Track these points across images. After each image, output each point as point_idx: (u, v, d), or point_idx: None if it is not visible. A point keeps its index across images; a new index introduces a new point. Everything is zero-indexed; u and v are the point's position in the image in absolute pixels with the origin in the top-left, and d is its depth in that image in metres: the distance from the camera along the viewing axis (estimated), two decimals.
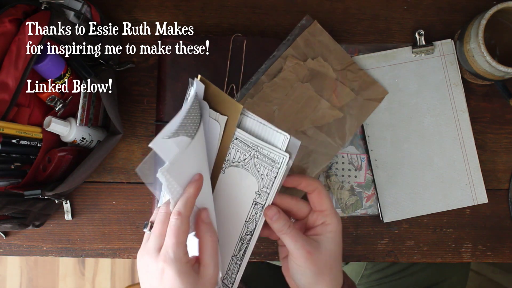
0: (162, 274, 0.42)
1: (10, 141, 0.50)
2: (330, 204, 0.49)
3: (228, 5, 0.65)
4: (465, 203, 0.63)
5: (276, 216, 0.47)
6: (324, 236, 0.48)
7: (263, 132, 0.47)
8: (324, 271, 0.48)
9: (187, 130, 0.43)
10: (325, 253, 0.48)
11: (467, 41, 0.59)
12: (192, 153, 0.45)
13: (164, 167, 0.42)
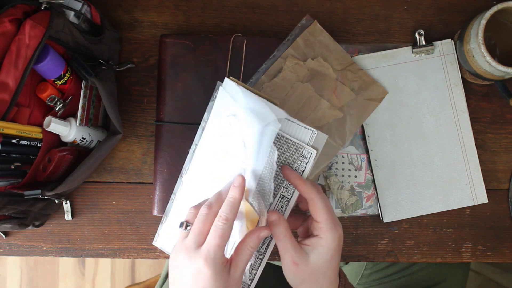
0: (198, 272, 0.43)
1: (10, 141, 0.50)
2: (326, 217, 0.48)
3: (228, 5, 0.65)
4: (465, 203, 0.63)
5: (276, 221, 0.48)
6: (315, 249, 0.48)
7: (290, 128, 0.49)
8: (308, 280, 0.49)
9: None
10: (311, 266, 0.48)
11: (467, 41, 0.59)
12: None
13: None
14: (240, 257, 0.46)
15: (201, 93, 0.60)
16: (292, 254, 0.48)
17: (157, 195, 0.60)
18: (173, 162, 0.60)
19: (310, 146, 0.48)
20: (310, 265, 0.48)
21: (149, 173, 0.64)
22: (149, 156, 0.64)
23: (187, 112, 0.60)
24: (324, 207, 0.48)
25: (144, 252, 0.64)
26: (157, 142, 0.61)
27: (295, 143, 0.49)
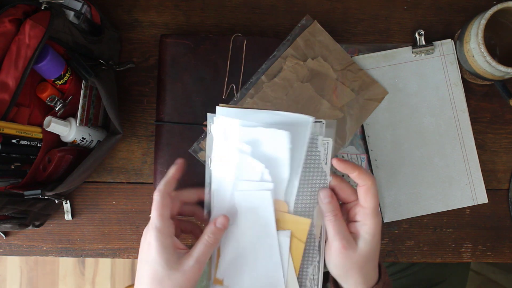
0: (149, 245, 0.45)
1: (10, 141, 0.50)
2: (373, 204, 0.49)
3: (228, 5, 0.65)
4: (465, 203, 0.63)
5: (327, 199, 0.48)
6: (362, 237, 0.49)
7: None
8: (354, 268, 0.49)
9: None
10: (359, 253, 0.48)
11: (467, 41, 0.59)
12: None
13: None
14: (197, 248, 0.46)
15: (201, 93, 0.60)
16: (342, 238, 0.48)
17: None
18: (173, 162, 0.60)
19: (324, 137, 0.48)
20: (358, 252, 0.48)
21: (149, 173, 0.64)
22: (149, 156, 0.64)
23: (187, 112, 0.60)
24: (376, 195, 0.49)
25: None
26: (157, 142, 0.61)
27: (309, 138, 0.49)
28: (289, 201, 0.49)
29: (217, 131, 0.48)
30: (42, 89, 0.54)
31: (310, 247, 0.50)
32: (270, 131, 0.47)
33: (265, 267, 0.50)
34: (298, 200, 0.49)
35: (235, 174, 0.48)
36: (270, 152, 0.48)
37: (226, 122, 0.48)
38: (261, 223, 0.49)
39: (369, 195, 0.49)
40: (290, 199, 0.49)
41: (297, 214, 0.49)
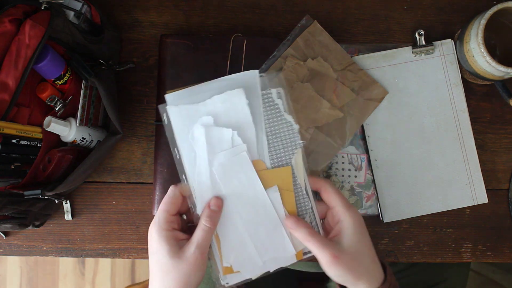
0: (151, 238, 0.47)
1: (10, 141, 0.50)
2: (339, 200, 0.49)
3: (228, 5, 0.65)
4: (465, 203, 0.63)
5: (294, 225, 0.48)
6: (344, 234, 0.48)
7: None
8: (352, 269, 0.48)
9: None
10: (349, 252, 0.48)
11: (467, 41, 0.59)
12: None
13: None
14: (196, 234, 0.47)
15: None
16: (328, 250, 0.47)
17: (157, 195, 0.60)
18: (173, 162, 0.60)
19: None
20: (347, 251, 0.48)
21: (149, 173, 0.64)
22: (149, 156, 0.64)
23: None
24: (336, 191, 0.50)
25: (144, 252, 0.64)
26: (157, 142, 0.61)
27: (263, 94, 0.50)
28: (264, 158, 0.50)
29: (174, 118, 0.49)
30: (42, 89, 0.54)
31: (299, 196, 0.51)
32: (224, 94, 0.49)
33: (267, 233, 0.50)
34: (272, 154, 0.50)
35: (207, 151, 0.49)
36: (232, 116, 0.49)
37: (179, 107, 0.49)
38: (247, 189, 0.49)
39: (329, 194, 0.50)
40: (264, 155, 0.50)
41: (275, 167, 0.50)
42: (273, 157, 0.50)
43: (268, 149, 0.50)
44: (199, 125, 0.48)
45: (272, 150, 0.50)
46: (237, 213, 0.50)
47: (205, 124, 0.48)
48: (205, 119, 0.48)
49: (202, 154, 0.49)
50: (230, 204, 0.49)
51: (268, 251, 0.50)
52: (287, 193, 0.50)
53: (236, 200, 0.49)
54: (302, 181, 0.51)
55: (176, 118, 0.48)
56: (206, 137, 0.48)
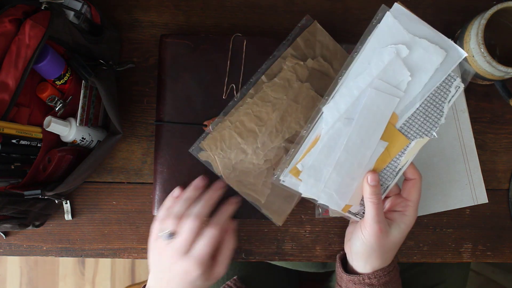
0: (187, 272, 0.50)
1: (10, 141, 0.50)
2: (417, 198, 0.53)
3: (228, 5, 0.65)
4: (465, 203, 0.63)
5: (374, 182, 0.52)
6: (397, 224, 0.53)
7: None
8: (381, 251, 0.53)
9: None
10: (391, 239, 0.53)
11: (467, 41, 0.59)
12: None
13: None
14: (223, 257, 0.53)
15: (201, 93, 0.60)
16: (380, 220, 0.51)
17: (157, 195, 0.60)
18: (173, 162, 0.60)
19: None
20: (390, 238, 0.52)
21: (149, 173, 0.64)
22: (149, 156, 0.64)
23: (187, 112, 0.60)
24: (420, 190, 0.54)
25: (144, 252, 0.64)
26: (157, 142, 0.61)
27: (449, 75, 0.51)
28: (401, 117, 0.51)
29: (383, 26, 0.50)
30: (42, 89, 0.54)
31: (390, 169, 0.53)
32: (432, 46, 0.50)
33: (347, 172, 0.52)
34: (408, 121, 0.51)
35: (379, 72, 0.50)
36: (418, 65, 0.50)
37: (395, 22, 0.50)
38: (372, 126, 0.51)
39: (415, 189, 0.53)
40: (403, 116, 0.51)
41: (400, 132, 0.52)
42: (406, 124, 0.52)
43: (410, 115, 0.51)
44: (394, 49, 0.50)
45: (411, 118, 0.51)
46: (348, 139, 0.51)
47: (398, 53, 0.50)
48: (402, 49, 0.50)
49: (373, 71, 0.50)
50: (348, 127, 0.51)
51: (334, 186, 0.52)
52: (387, 156, 0.52)
53: (357, 129, 0.51)
54: (404, 161, 0.53)
55: (385, 26, 0.50)
56: (389, 62, 0.50)
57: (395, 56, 0.49)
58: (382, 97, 0.50)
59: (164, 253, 0.52)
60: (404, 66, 0.50)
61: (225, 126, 0.58)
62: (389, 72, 0.50)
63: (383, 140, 0.51)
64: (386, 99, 0.50)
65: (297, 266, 0.81)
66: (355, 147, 0.51)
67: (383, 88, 0.50)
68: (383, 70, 0.50)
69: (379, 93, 0.50)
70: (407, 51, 0.50)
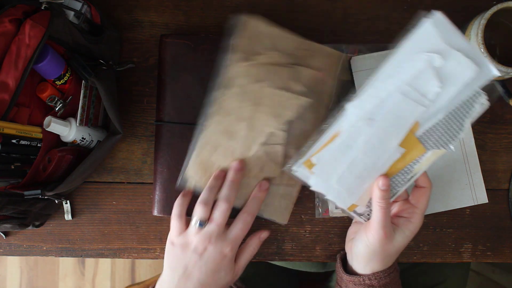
0: (223, 256, 0.53)
1: (10, 141, 0.50)
2: (425, 206, 0.54)
3: (228, 5, 0.65)
4: (465, 203, 0.63)
5: (385, 187, 0.51)
6: (402, 231, 0.53)
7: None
8: (383, 255, 0.53)
9: None
10: (395, 244, 0.53)
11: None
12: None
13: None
14: (244, 257, 0.56)
15: (201, 93, 0.60)
16: (386, 225, 0.51)
17: (157, 195, 0.60)
18: (173, 162, 0.60)
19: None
20: (394, 243, 0.53)
21: (149, 173, 0.64)
22: (149, 156, 0.64)
23: (187, 112, 0.60)
24: (429, 198, 0.54)
25: (144, 252, 0.64)
26: (157, 142, 0.61)
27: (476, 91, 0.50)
28: (423, 126, 0.51)
29: (421, 33, 0.49)
30: (42, 89, 0.54)
31: (402, 176, 0.53)
32: (466, 60, 0.49)
33: (360, 172, 0.52)
34: (428, 131, 0.51)
35: (407, 78, 0.49)
36: (448, 77, 0.49)
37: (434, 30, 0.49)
38: (392, 131, 0.51)
39: (424, 197, 0.54)
40: (424, 125, 0.51)
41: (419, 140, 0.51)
42: (426, 133, 0.51)
43: (430, 126, 0.51)
44: (427, 58, 0.49)
45: (432, 129, 0.51)
46: (367, 138, 0.51)
47: (431, 62, 0.49)
48: (437, 58, 0.49)
49: (403, 76, 0.49)
50: (370, 128, 0.50)
51: (345, 184, 0.52)
52: (401, 162, 0.52)
53: (377, 131, 0.51)
54: (416, 171, 0.52)
55: (423, 34, 0.49)
56: (419, 69, 0.49)
57: (428, 65, 0.49)
58: (408, 104, 0.50)
59: (191, 244, 0.53)
60: (435, 76, 0.49)
61: (200, 151, 0.57)
62: (419, 79, 0.49)
63: (401, 146, 0.51)
64: (412, 106, 0.50)
65: (297, 266, 0.81)
66: (373, 149, 0.51)
67: (411, 95, 0.49)
68: (414, 76, 0.49)
69: (406, 99, 0.49)
70: (441, 61, 0.49)
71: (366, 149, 0.51)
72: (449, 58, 0.49)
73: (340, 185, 0.52)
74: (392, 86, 0.50)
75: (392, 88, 0.50)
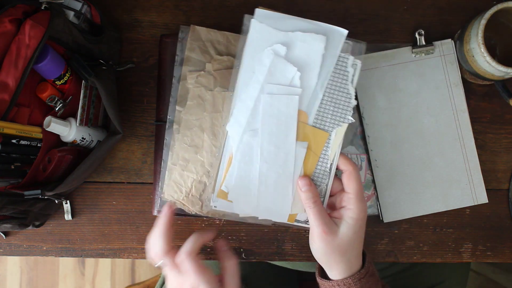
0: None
1: (10, 141, 0.50)
2: (356, 189, 0.50)
3: (228, 5, 0.65)
4: (465, 203, 0.63)
5: (305, 187, 0.50)
6: (344, 221, 0.50)
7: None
8: (335, 253, 0.50)
9: None
10: (340, 237, 0.50)
11: (467, 41, 0.59)
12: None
13: None
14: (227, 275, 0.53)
15: None
16: (321, 223, 0.49)
17: (157, 195, 0.60)
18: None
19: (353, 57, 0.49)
20: (339, 236, 0.50)
21: (149, 173, 0.64)
22: (149, 156, 0.64)
23: None
24: (358, 180, 0.51)
25: (144, 252, 0.64)
26: (157, 142, 0.61)
27: (340, 56, 0.49)
28: (310, 113, 0.49)
29: (253, 33, 0.49)
30: (42, 89, 0.54)
31: (322, 166, 0.51)
32: (307, 35, 0.48)
33: (276, 181, 0.50)
34: (319, 114, 0.49)
35: (265, 77, 0.49)
36: (303, 58, 0.48)
37: (262, 25, 0.48)
38: (281, 132, 0.49)
39: (351, 180, 0.50)
40: (311, 111, 0.49)
41: (315, 127, 0.50)
42: (318, 117, 0.50)
43: (318, 107, 0.50)
44: (271, 50, 0.48)
45: (321, 110, 0.50)
46: (260, 149, 0.50)
47: (277, 52, 0.48)
48: (279, 47, 0.48)
49: (259, 77, 0.49)
50: (257, 138, 0.49)
51: (268, 198, 0.51)
52: (313, 155, 0.50)
53: (266, 137, 0.49)
54: (332, 155, 0.51)
55: (255, 33, 0.49)
56: (271, 64, 0.48)
57: (275, 56, 0.48)
58: (279, 99, 0.49)
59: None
60: (287, 62, 0.48)
61: (172, 171, 0.57)
62: (275, 73, 0.49)
63: (300, 140, 0.50)
64: (284, 100, 0.49)
65: (297, 266, 0.81)
66: (272, 155, 0.50)
67: (276, 91, 0.49)
68: (268, 73, 0.49)
69: (273, 96, 0.49)
70: (284, 48, 0.48)
71: (265, 158, 0.50)
72: (292, 42, 0.48)
73: (265, 202, 0.51)
74: (254, 91, 0.49)
75: (255, 93, 0.49)
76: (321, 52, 0.48)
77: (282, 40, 0.48)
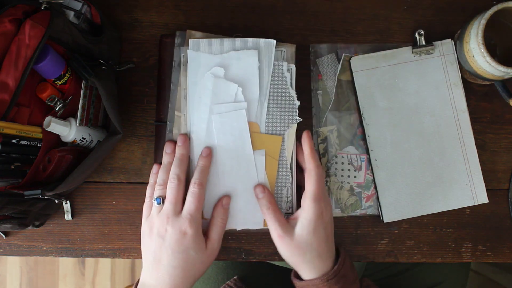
0: (183, 234, 0.50)
1: (10, 141, 0.50)
2: (313, 189, 0.51)
3: (228, 5, 0.65)
4: (465, 203, 0.63)
5: (261, 194, 0.53)
6: (299, 222, 0.51)
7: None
8: (295, 254, 0.51)
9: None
10: (297, 239, 0.51)
11: (467, 41, 0.59)
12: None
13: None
14: (214, 230, 0.53)
15: None
16: (276, 227, 0.51)
17: None
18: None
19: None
20: (294, 237, 0.51)
21: (149, 173, 0.64)
22: (149, 156, 0.64)
23: None
24: (317, 180, 0.51)
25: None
26: (157, 142, 0.61)
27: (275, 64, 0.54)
28: (261, 122, 0.54)
29: (192, 63, 0.54)
30: (42, 89, 0.54)
31: (283, 168, 0.54)
32: (241, 52, 0.53)
33: (244, 193, 0.54)
34: (268, 122, 0.54)
35: (211, 99, 0.53)
36: (241, 74, 0.53)
37: (199, 53, 0.53)
38: (238, 145, 0.53)
39: (308, 179, 0.51)
40: (261, 120, 0.54)
41: (268, 134, 0.54)
42: (268, 124, 0.54)
43: (266, 115, 0.54)
44: (210, 74, 0.53)
45: (269, 118, 0.54)
46: (223, 165, 0.53)
47: (216, 75, 0.53)
48: (217, 69, 0.53)
49: (206, 101, 0.53)
50: (219, 155, 0.53)
51: (240, 209, 0.54)
52: (272, 161, 0.54)
53: (225, 153, 0.53)
54: (289, 155, 0.54)
55: (192, 62, 0.53)
56: (213, 86, 0.53)
57: (216, 78, 0.53)
58: (228, 116, 0.53)
59: (154, 227, 0.52)
60: (227, 81, 0.53)
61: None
62: (219, 93, 0.53)
63: (257, 149, 0.53)
64: (233, 116, 0.53)
65: None
66: (234, 169, 0.53)
67: (224, 109, 0.53)
68: (213, 95, 0.53)
69: (223, 114, 0.53)
70: (222, 69, 0.53)
71: (230, 173, 0.53)
72: (228, 62, 0.53)
73: (237, 213, 0.54)
74: (205, 114, 0.53)
75: (205, 116, 0.53)
76: (256, 65, 0.53)
77: (219, 62, 0.53)
